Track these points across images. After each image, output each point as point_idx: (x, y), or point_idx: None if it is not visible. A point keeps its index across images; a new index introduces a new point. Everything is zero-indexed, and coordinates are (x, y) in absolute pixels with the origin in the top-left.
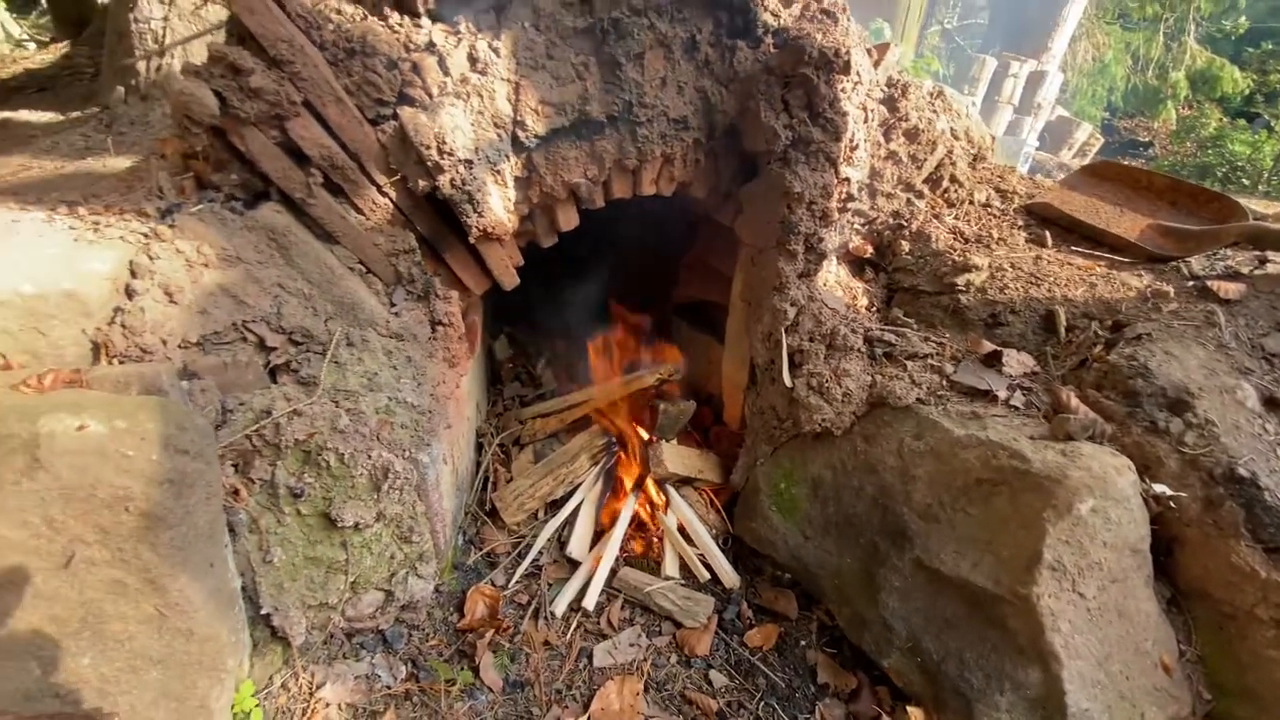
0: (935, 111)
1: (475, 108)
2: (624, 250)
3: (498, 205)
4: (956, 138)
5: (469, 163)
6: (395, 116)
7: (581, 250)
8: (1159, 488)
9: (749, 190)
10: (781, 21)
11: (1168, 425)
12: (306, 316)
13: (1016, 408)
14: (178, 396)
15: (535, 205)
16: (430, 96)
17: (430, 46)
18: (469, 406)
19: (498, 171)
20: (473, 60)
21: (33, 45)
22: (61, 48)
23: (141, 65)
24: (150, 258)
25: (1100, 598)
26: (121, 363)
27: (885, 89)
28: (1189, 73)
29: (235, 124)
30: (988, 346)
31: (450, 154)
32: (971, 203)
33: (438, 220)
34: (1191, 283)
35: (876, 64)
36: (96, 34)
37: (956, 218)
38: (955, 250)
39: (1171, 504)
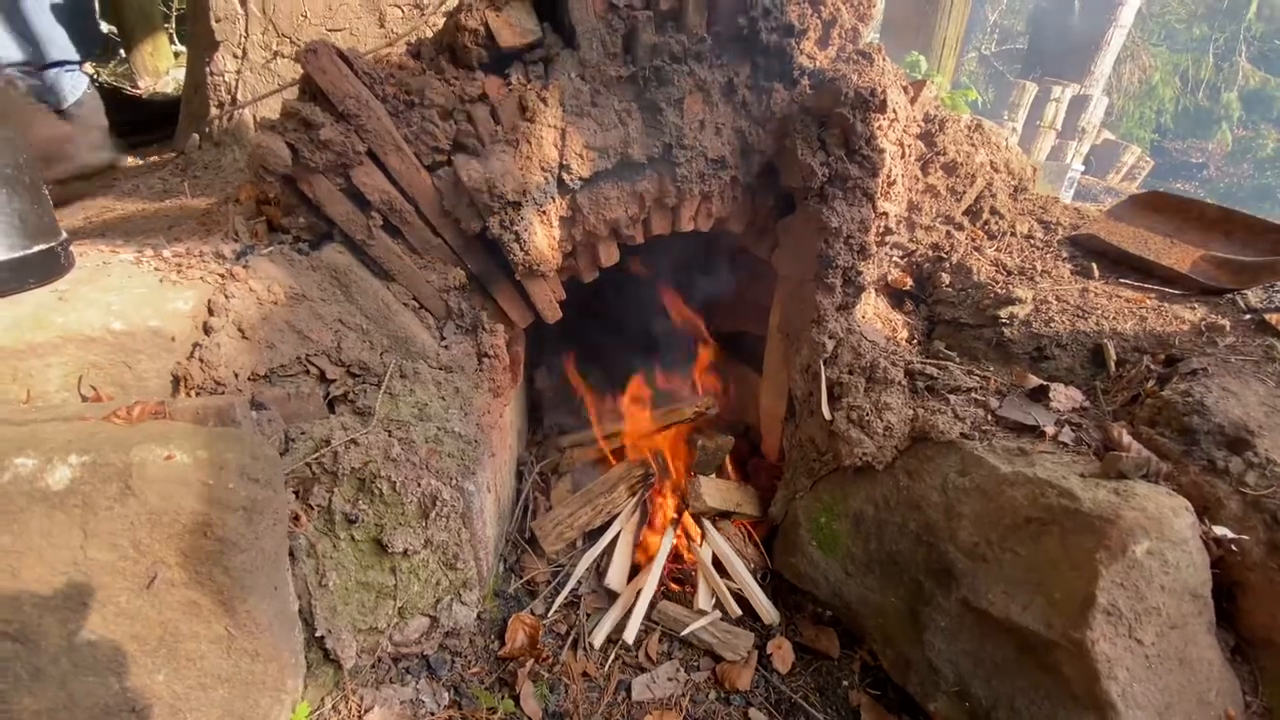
0: (974, 145)
1: (524, 153)
2: (662, 281)
3: (543, 244)
4: (996, 170)
5: (516, 205)
6: (450, 163)
7: (620, 282)
8: (1219, 530)
9: (786, 225)
10: (817, 63)
11: (1227, 465)
12: (364, 350)
13: (1065, 444)
14: (249, 427)
15: (578, 242)
16: (482, 144)
17: (483, 98)
18: (511, 435)
19: (543, 212)
20: (522, 109)
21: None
22: (140, 94)
23: (214, 114)
24: (226, 296)
25: (1159, 644)
26: (199, 395)
27: (922, 124)
28: (1242, 93)
29: (305, 173)
30: (1034, 381)
31: (500, 197)
32: (1013, 234)
33: (486, 257)
34: (1248, 316)
35: (913, 100)
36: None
37: (998, 250)
38: (997, 282)
39: (1233, 547)
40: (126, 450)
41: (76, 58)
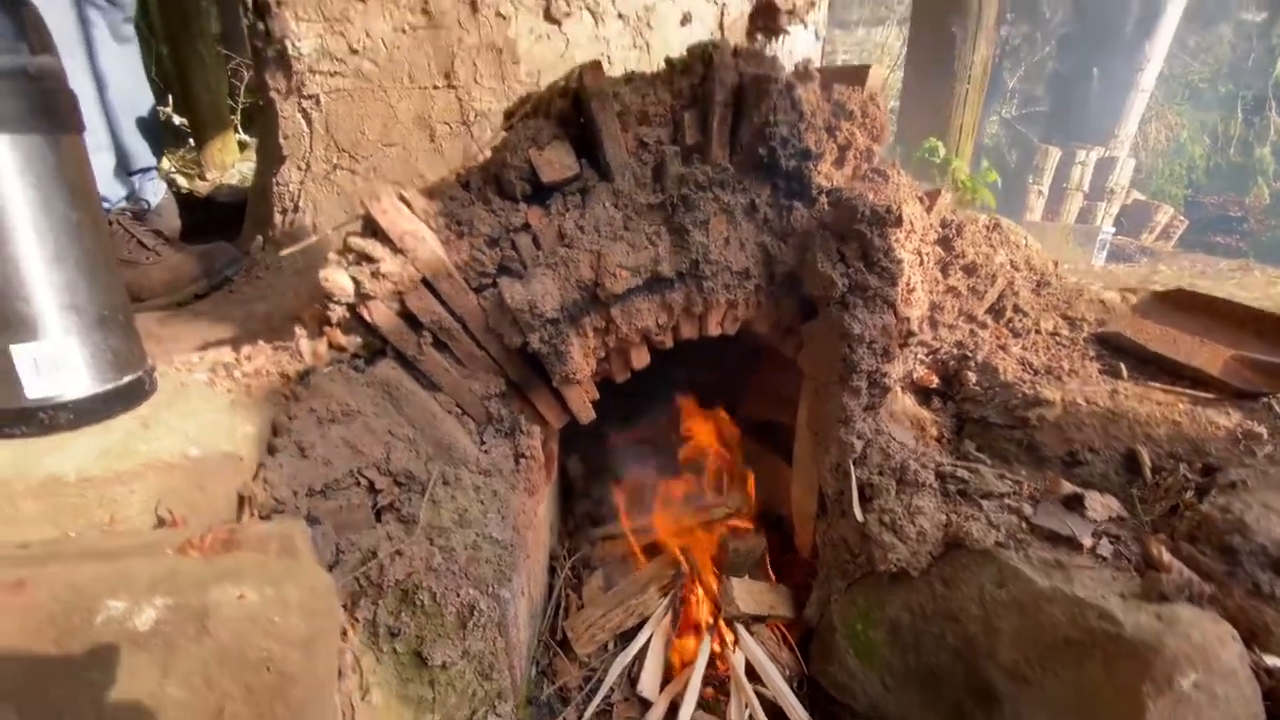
0: (993, 246)
1: (562, 275)
2: (691, 371)
3: (578, 355)
4: (1017, 268)
5: (555, 321)
6: (495, 284)
7: (650, 374)
8: (1270, 660)
9: (810, 329)
10: (835, 182)
11: (1272, 589)
12: (410, 459)
13: (1104, 558)
14: (308, 550)
15: (611, 349)
16: (525, 267)
17: (526, 227)
18: (545, 531)
19: (580, 326)
20: (561, 236)
21: (182, 180)
22: (208, 188)
23: (278, 219)
24: (289, 418)
25: None
26: (263, 516)
27: (940, 230)
28: (1275, 148)
29: (364, 300)
30: (1068, 488)
31: (540, 316)
32: (1038, 332)
33: (525, 366)
34: None
35: (929, 209)
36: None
37: (1024, 348)
38: (1025, 382)
39: None
40: (204, 591)
41: (155, 163)
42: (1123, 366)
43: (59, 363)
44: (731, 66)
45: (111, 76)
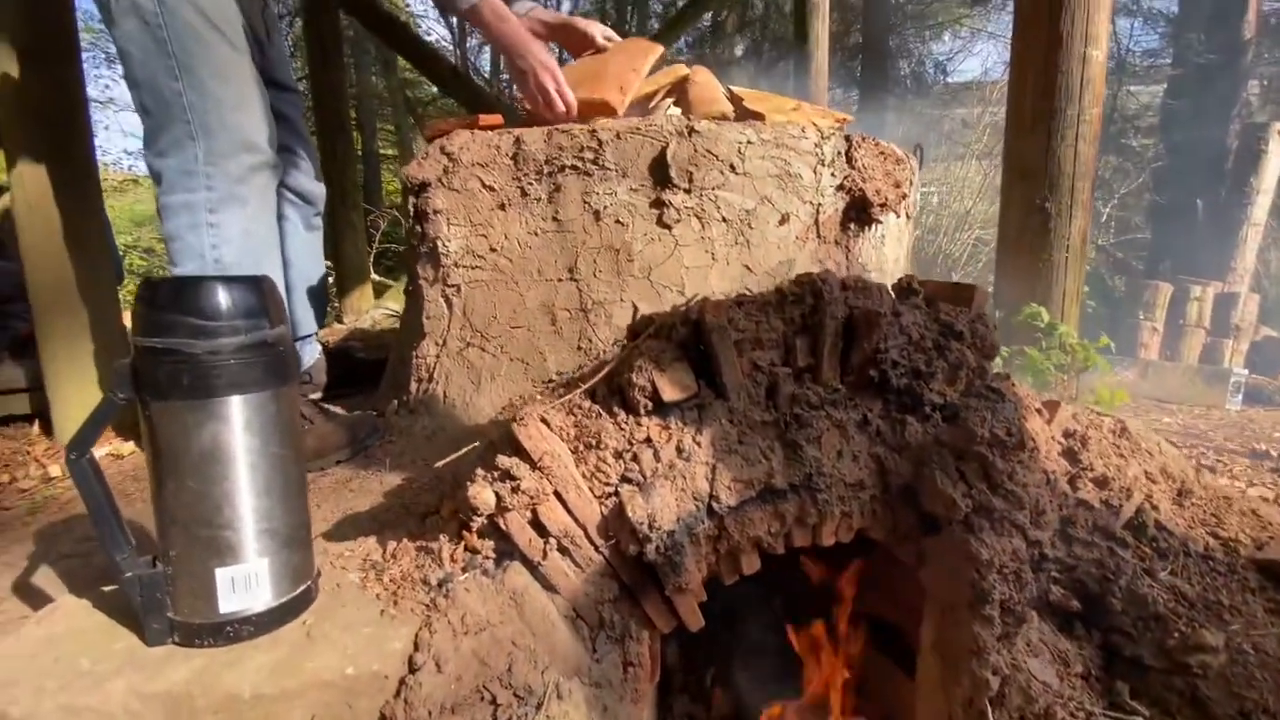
0: (1123, 456)
1: (679, 486)
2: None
3: (691, 564)
4: (1153, 480)
5: (671, 532)
6: (616, 494)
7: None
8: None
9: (933, 546)
10: (948, 398)
11: None
12: (529, 670)
13: None
14: None
15: (722, 554)
16: (645, 478)
17: (648, 441)
18: None
19: (694, 536)
20: (679, 450)
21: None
22: (345, 330)
23: (414, 386)
24: (430, 632)
25: None
26: None
27: (1063, 441)
28: None
29: (502, 512)
30: None
31: (658, 528)
32: (1188, 554)
33: (638, 571)
34: None
35: (1050, 420)
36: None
37: (1173, 572)
38: (1179, 616)
39: None
40: None
41: (317, 330)
42: None
43: (250, 581)
44: (841, 301)
45: (296, 260)
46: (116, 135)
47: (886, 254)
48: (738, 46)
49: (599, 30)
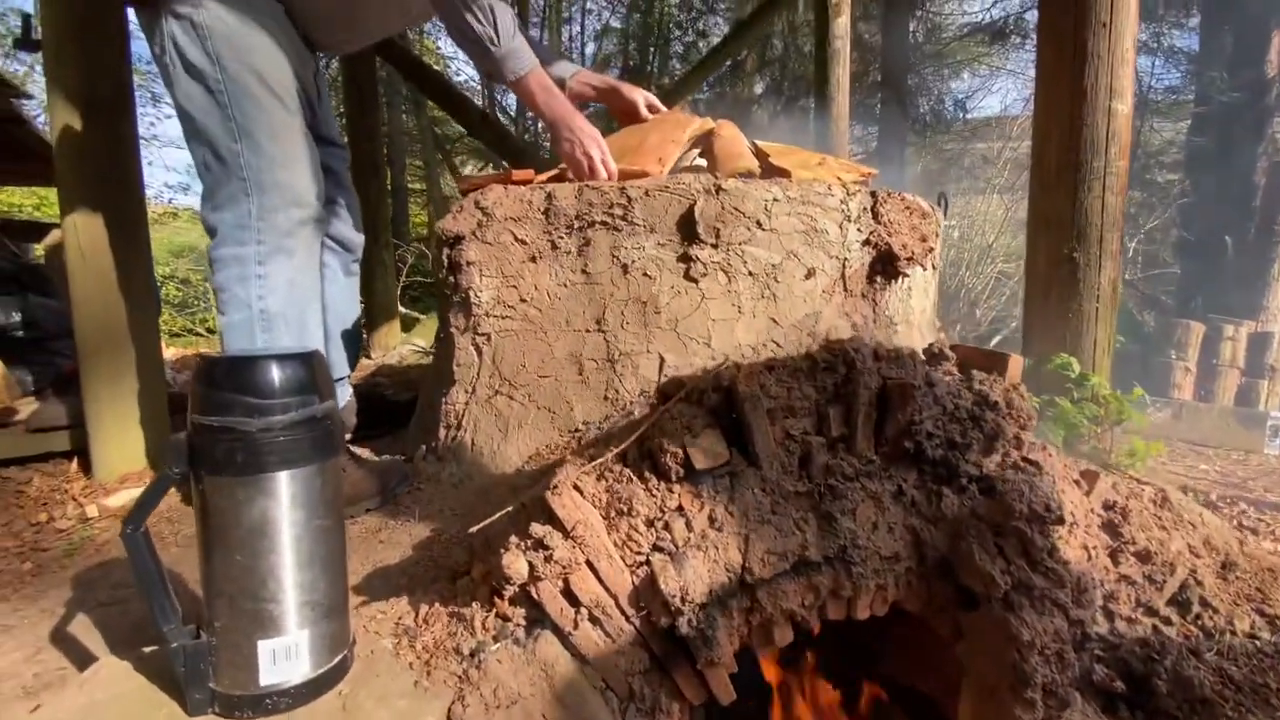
0: (1165, 529)
1: (711, 557)
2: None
3: (723, 637)
4: (1197, 555)
5: (703, 605)
6: (648, 563)
7: None
8: None
9: (971, 623)
10: (984, 470)
11: None
12: None
13: None
14: None
15: (754, 627)
16: (676, 548)
17: (680, 509)
18: None
19: (726, 608)
20: (711, 520)
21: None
22: (373, 366)
23: (442, 433)
24: (463, 705)
25: None
26: None
27: (1103, 513)
28: None
29: (534, 581)
30: None
31: (690, 600)
32: (1233, 632)
33: (669, 643)
34: None
35: (1089, 492)
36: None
37: (1219, 653)
38: (1228, 701)
39: None
40: None
41: (350, 372)
42: None
43: (291, 653)
44: (874, 371)
45: (334, 304)
46: (159, 170)
47: (913, 305)
48: (757, 85)
49: (642, 99)
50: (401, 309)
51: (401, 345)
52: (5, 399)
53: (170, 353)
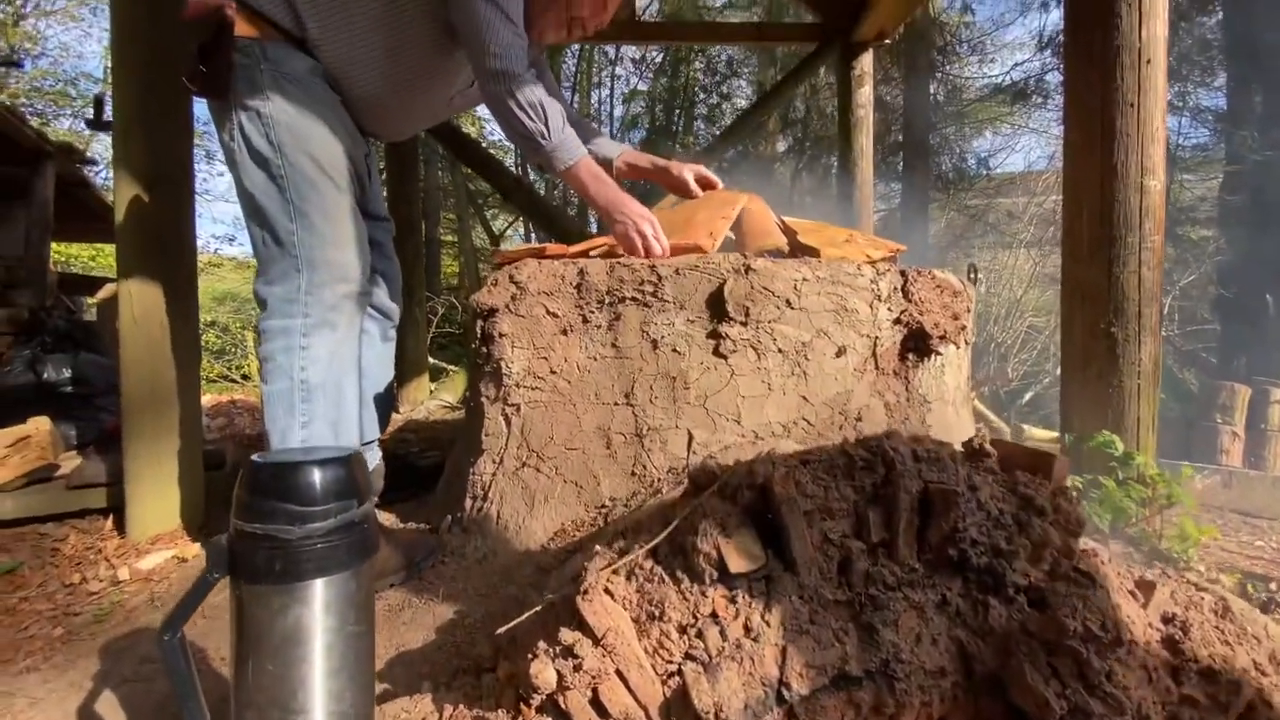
0: (1229, 642)
1: (746, 669)
2: None
3: None
4: (1263, 672)
5: None
6: (679, 673)
7: None
8: None
9: None
10: (1032, 579)
11: None
12: None
13: None
14: None
15: None
16: (710, 658)
17: (714, 616)
18: None
19: None
20: (747, 629)
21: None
22: (401, 419)
23: (468, 504)
24: None
25: None
26: None
27: (1162, 628)
28: None
29: (563, 691)
30: None
31: (723, 717)
32: None
33: None
34: None
35: (1146, 604)
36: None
37: None
38: None
39: None
40: None
41: (379, 435)
42: None
43: None
44: (915, 474)
45: (369, 370)
46: (206, 222)
47: (947, 383)
48: (780, 143)
49: (692, 175)
50: (430, 360)
51: (429, 400)
52: (50, 456)
53: (206, 399)
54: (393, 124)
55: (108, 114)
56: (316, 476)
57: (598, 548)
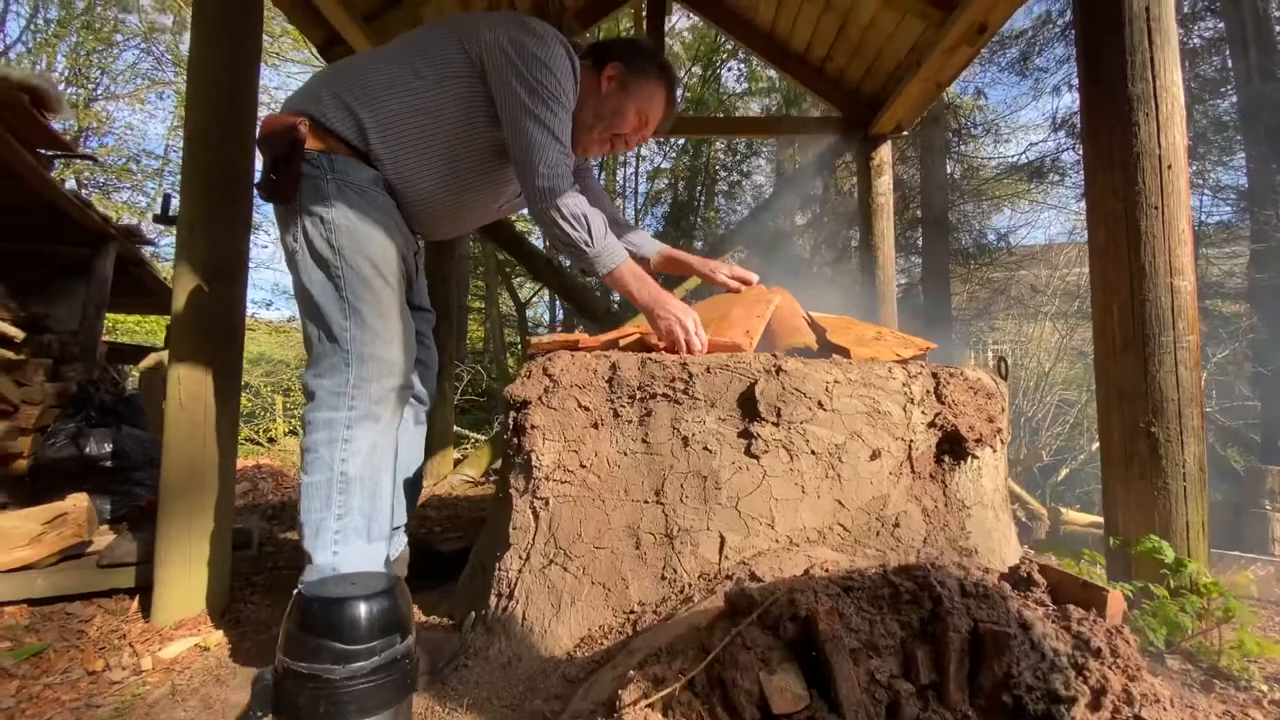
0: None
1: None
2: None
3: None
4: None
5: None
6: None
7: None
8: None
9: None
10: None
11: None
12: None
13: None
14: None
15: None
16: None
17: None
18: None
19: None
20: None
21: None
22: (425, 495)
23: (493, 601)
24: None
25: None
26: None
27: None
28: None
29: None
30: None
31: None
32: None
33: None
34: None
35: None
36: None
37: None
38: None
39: None
40: None
41: (406, 520)
42: None
43: None
44: (963, 611)
45: (401, 454)
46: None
47: (984, 485)
48: (799, 217)
49: (724, 275)
50: (455, 428)
51: (452, 475)
52: (85, 534)
53: None
54: (442, 228)
55: (173, 209)
56: (363, 612)
57: (631, 672)
